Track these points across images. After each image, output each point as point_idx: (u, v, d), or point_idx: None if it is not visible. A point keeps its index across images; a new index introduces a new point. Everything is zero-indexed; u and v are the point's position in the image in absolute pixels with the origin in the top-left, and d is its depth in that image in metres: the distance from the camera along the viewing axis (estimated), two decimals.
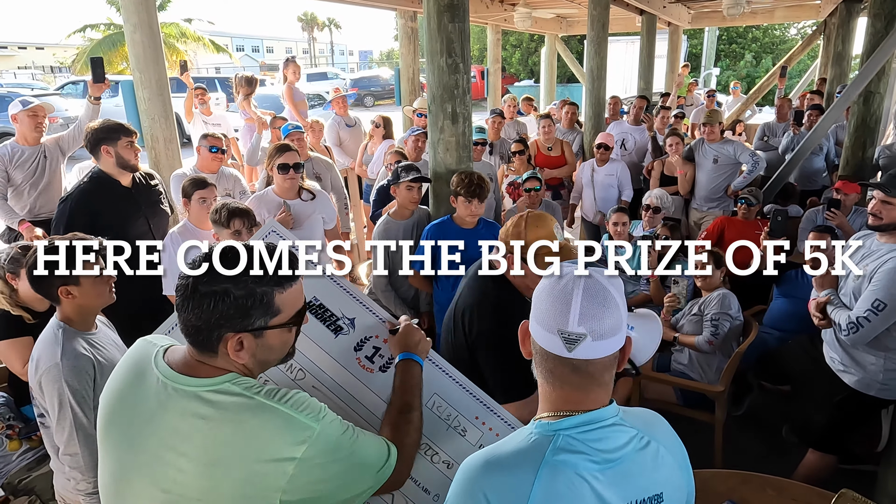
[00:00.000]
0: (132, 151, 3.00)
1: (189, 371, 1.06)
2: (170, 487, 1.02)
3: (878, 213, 2.27)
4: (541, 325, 0.96)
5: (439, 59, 2.96)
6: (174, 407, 1.03)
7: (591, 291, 0.94)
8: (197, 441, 1.00)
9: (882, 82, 4.08)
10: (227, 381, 1.04)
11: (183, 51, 19.35)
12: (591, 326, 0.92)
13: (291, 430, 1.01)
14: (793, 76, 15.43)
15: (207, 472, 1.00)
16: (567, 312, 0.93)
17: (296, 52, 49.55)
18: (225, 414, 1.01)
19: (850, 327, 2.22)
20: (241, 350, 1.05)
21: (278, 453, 0.99)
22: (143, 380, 1.08)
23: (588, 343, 0.93)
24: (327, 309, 1.55)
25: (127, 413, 1.08)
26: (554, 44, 12.22)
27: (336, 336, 1.52)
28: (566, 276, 0.97)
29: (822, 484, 2.00)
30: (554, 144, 5.41)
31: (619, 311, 0.94)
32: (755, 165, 4.61)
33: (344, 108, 5.85)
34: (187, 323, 1.04)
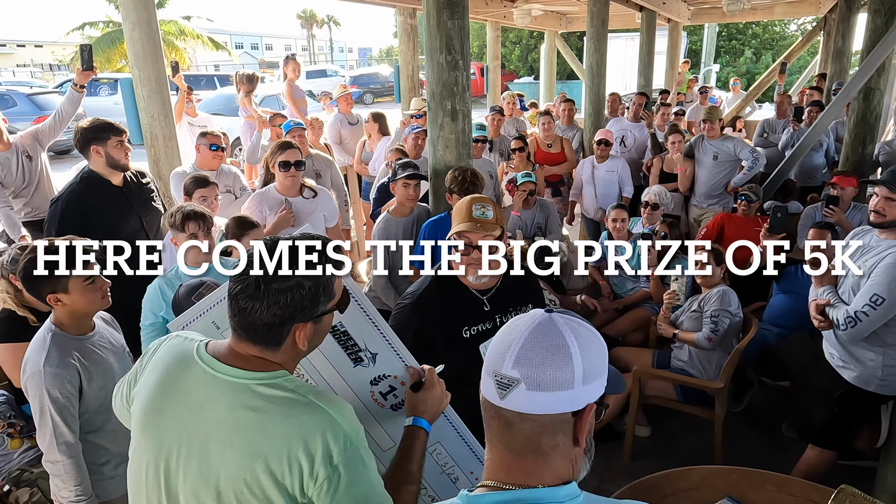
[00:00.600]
0: (122, 151, 2.98)
1: (240, 363, 1.07)
2: (213, 479, 1.04)
3: (881, 209, 2.25)
4: (485, 368, 0.85)
5: (439, 56, 2.96)
6: (223, 399, 1.05)
7: (539, 333, 0.81)
8: (245, 433, 1.02)
9: (882, 78, 4.08)
10: (280, 378, 1.07)
11: (182, 48, 19.30)
12: (527, 372, 0.79)
13: (335, 436, 1.02)
14: (793, 72, 15.41)
15: (250, 464, 1.01)
16: (504, 353, 0.82)
17: (295, 49, 49.46)
18: (277, 408, 1.03)
19: (848, 321, 2.22)
20: (304, 338, 1.08)
21: (319, 454, 1.01)
22: (187, 373, 1.09)
23: (521, 391, 0.79)
24: (351, 337, 1.52)
25: (171, 406, 1.09)
26: (553, 40, 12.19)
27: (355, 365, 1.51)
28: (525, 317, 0.85)
29: (822, 480, 2.00)
30: (554, 141, 5.41)
31: (570, 363, 0.79)
32: (755, 162, 4.60)
33: (349, 105, 5.84)
34: (256, 322, 1.04)
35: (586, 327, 0.85)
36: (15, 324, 2.13)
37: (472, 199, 1.84)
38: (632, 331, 3.70)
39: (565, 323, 0.83)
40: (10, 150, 3.64)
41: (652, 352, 3.31)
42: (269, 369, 1.07)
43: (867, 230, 2.42)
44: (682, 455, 2.71)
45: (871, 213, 2.30)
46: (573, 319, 0.85)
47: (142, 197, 3.12)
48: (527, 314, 0.86)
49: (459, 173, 2.91)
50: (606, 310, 3.87)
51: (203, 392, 1.06)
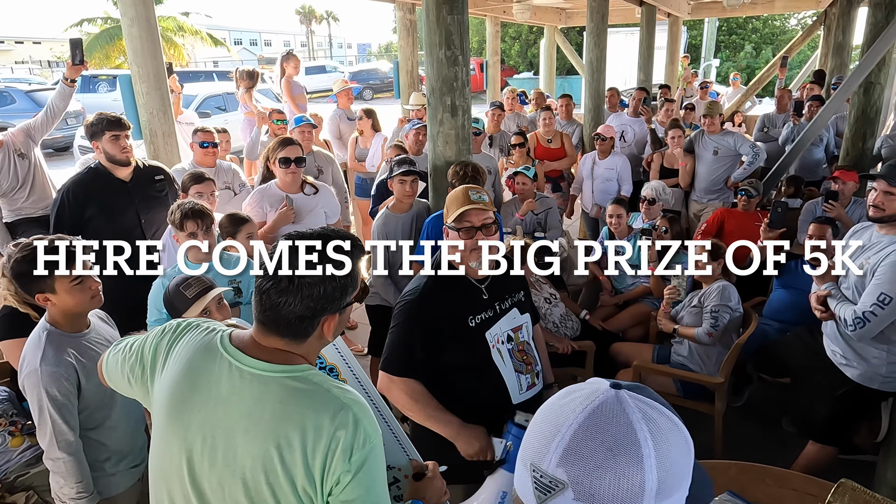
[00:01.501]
0: (117, 146, 2.98)
1: (266, 356, 1.09)
2: (239, 469, 1.05)
3: (880, 204, 2.24)
4: (520, 456, 0.65)
5: (438, 51, 2.95)
6: (250, 392, 1.06)
7: (600, 419, 0.61)
8: (270, 425, 1.04)
9: (882, 73, 4.07)
10: (306, 371, 1.09)
11: (180, 44, 19.22)
12: (578, 475, 0.58)
13: (356, 435, 1.04)
14: (793, 67, 15.36)
15: (275, 454, 1.03)
16: (549, 441, 0.61)
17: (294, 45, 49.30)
18: (302, 401, 1.05)
19: (857, 322, 2.21)
20: (331, 329, 1.11)
21: (339, 450, 1.03)
22: (212, 364, 1.10)
23: (566, 500, 0.59)
24: None
25: (197, 398, 1.10)
26: (553, 35, 12.16)
27: None
28: (581, 390, 0.65)
29: (822, 474, 2.01)
30: (553, 136, 5.41)
31: (640, 469, 0.58)
32: (755, 157, 4.60)
33: (349, 101, 5.83)
34: (289, 315, 1.06)
35: (666, 415, 0.64)
36: (17, 320, 2.13)
37: (466, 187, 1.87)
38: (632, 326, 3.71)
39: (638, 408, 0.62)
40: (2, 149, 3.60)
41: (652, 347, 3.31)
42: (294, 362, 1.09)
43: (867, 226, 2.41)
44: None
45: (869, 207, 2.29)
46: (649, 403, 0.64)
47: (146, 194, 3.11)
48: (585, 386, 0.66)
49: (461, 168, 2.91)
50: (607, 305, 3.87)
51: (229, 384, 1.08)
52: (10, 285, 2.13)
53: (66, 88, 3.62)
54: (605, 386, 0.65)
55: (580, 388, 0.66)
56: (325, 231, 1.12)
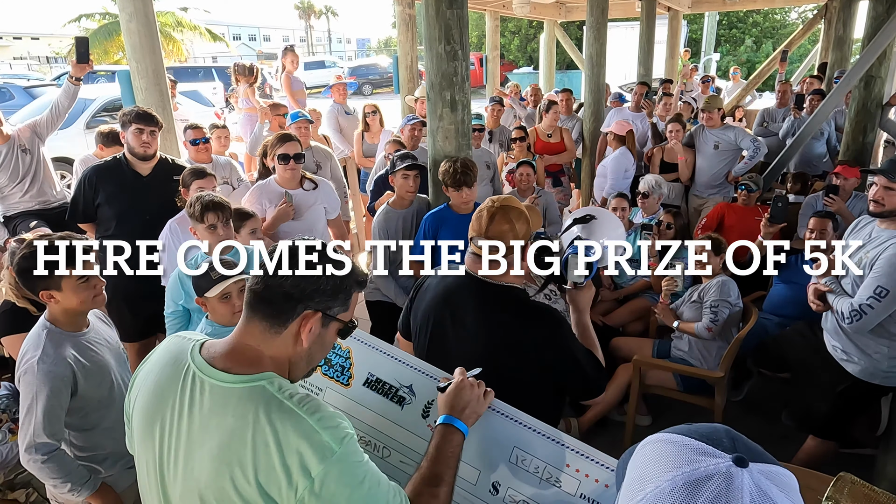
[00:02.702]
0: (139, 140, 3.07)
1: (226, 365, 1.06)
2: (195, 485, 1.03)
3: (881, 199, 2.24)
4: None
5: (437, 46, 2.94)
6: (208, 404, 1.03)
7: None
8: (224, 438, 1.00)
9: (883, 66, 4.06)
10: (263, 381, 1.04)
11: (179, 40, 19.18)
12: None
13: (314, 446, 0.98)
14: (793, 61, 15.33)
15: (228, 470, 0.99)
16: None
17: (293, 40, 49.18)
18: (255, 414, 1.00)
19: (854, 315, 2.21)
20: (308, 333, 1.08)
21: (297, 464, 0.97)
22: (179, 375, 1.08)
23: None
24: (385, 382, 1.54)
25: (166, 409, 1.08)
26: (553, 30, 12.12)
27: (402, 408, 1.51)
28: (709, 484, 0.55)
29: (821, 468, 2.01)
30: (553, 131, 5.40)
31: None
32: (756, 151, 4.59)
33: (343, 95, 5.82)
34: (277, 288, 1.05)
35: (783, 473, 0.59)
36: (17, 315, 2.14)
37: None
38: (632, 321, 3.71)
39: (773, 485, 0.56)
40: (8, 143, 3.64)
41: (652, 341, 3.31)
42: (259, 368, 1.05)
43: (868, 220, 2.41)
44: None
45: (870, 202, 2.29)
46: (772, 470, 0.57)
47: (160, 192, 3.10)
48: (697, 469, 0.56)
49: (450, 165, 2.89)
50: (606, 300, 3.88)
51: (191, 396, 1.05)
52: (13, 279, 2.13)
53: (72, 87, 3.65)
54: (735, 470, 0.55)
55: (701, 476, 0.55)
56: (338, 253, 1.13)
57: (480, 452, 1.40)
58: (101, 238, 3.09)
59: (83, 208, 3.14)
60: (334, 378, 1.61)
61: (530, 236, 1.67)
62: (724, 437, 0.60)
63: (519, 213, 1.65)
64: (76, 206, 3.16)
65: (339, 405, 1.58)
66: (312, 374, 1.20)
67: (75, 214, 3.18)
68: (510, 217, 1.63)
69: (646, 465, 0.57)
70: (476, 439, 1.36)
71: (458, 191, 2.89)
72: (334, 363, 1.63)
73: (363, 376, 1.58)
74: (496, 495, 1.37)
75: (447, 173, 2.89)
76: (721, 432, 0.60)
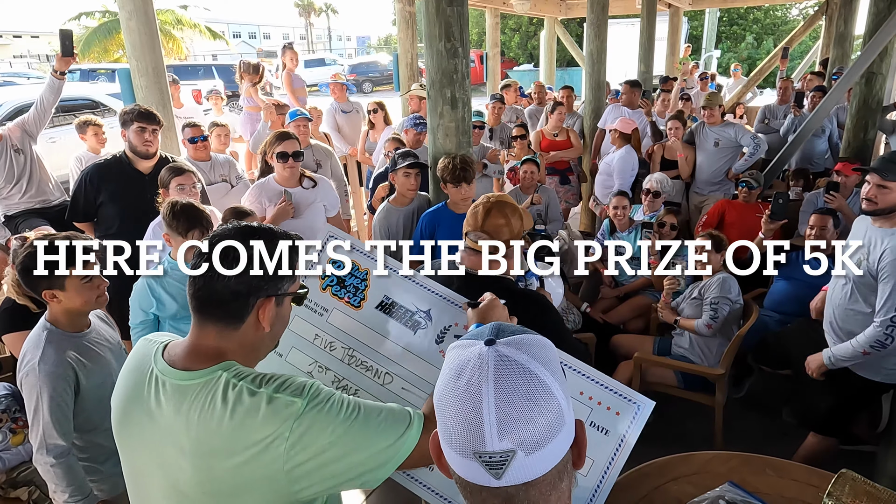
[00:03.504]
0: (141, 138, 3.09)
1: (185, 364, 1.06)
2: (178, 484, 1.03)
3: (873, 197, 2.23)
4: (451, 447, 0.67)
5: (438, 43, 2.94)
6: (169, 403, 1.03)
7: (506, 382, 0.65)
8: (192, 434, 1.00)
9: (884, 63, 4.05)
10: (219, 370, 1.04)
11: (179, 38, 19.16)
12: (520, 437, 0.63)
13: (275, 411, 0.99)
14: (794, 57, 15.31)
15: (205, 463, 1.00)
16: (480, 425, 0.63)
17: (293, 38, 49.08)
18: (215, 405, 1.00)
19: (891, 331, 2.17)
20: (266, 318, 1.07)
21: (266, 436, 0.98)
22: (145, 379, 1.08)
23: (520, 460, 0.63)
24: (401, 306, 1.52)
25: (135, 413, 1.08)
26: (553, 27, 12.11)
27: (415, 333, 1.49)
28: (467, 366, 0.67)
29: (823, 465, 2.01)
30: (560, 130, 5.40)
31: (552, 397, 0.65)
32: (756, 148, 4.59)
33: (342, 93, 5.82)
34: (224, 290, 1.03)
35: (530, 338, 0.71)
36: (18, 314, 2.14)
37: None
38: (632, 318, 3.71)
39: (519, 350, 0.68)
40: (1, 143, 3.59)
41: (653, 339, 3.32)
42: (217, 362, 1.05)
43: (862, 218, 2.41)
44: (682, 441, 2.72)
45: (862, 200, 2.28)
46: (518, 339, 0.69)
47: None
48: (465, 357, 0.68)
49: (449, 162, 2.89)
50: (607, 297, 3.88)
51: (155, 398, 1.05)
52: (16, 277, 2.14)
53: (56, 81, 3.55)
54: (484, 349, 0.68)
55: (463, 362, 0.68)
56: (265, 226, 1.12)
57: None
58: (103, 237, 3.09)
59: (84, 207, 3.14)
60: (344, 298, 1.57)
61: (524, 233, 1.70)
62: (487, 330, 0.71)
63: (513, 209, 1.68)
64: (76, 205, 3.16)
65: (342, 326, 1.55)
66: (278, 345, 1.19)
67: (75, 213, 3.17)
68: (506, 212, 1.66)
69: (457, 406, 0.68)
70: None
71: (457, 187, 2.89)
72: (347, 284, 1.58)
73: (378, 299, 1.55)
74: None
75: (446, 169, 2.89)
76: (488, 327, 0.72)
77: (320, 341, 1.55)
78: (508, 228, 1.66)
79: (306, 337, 1.56)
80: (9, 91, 10.19)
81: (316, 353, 1.54)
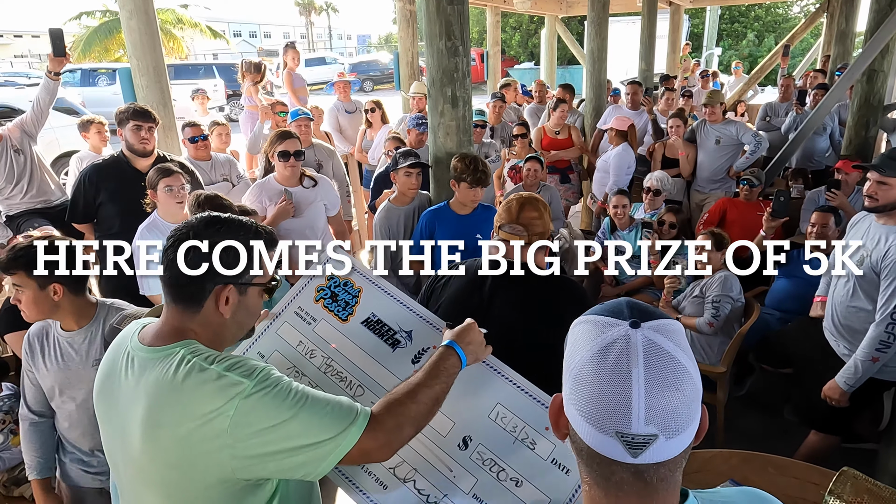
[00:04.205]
0: (137, 136, 3.09)
1: (152, 342, 1.10)
2: (133, 453, 1.07)
3: (874, 194, 2.25)
4: (588, 421, 0.69)
5: (438, 42, 2.94)
6: (133, 377, 1.09)
7: (657, 370, 0.67)
8: (144, 404, 1.04)
9: (886, 60, 4.04)
10: (178, 347, 1.08)
11: (179, 37, 19.16)
12: (664, 423, 0.66)
13: (222, 388, 1.01)
14: (795, 55, 15.28)
15: (153, 433, 1.03)
16: (628, 408, 0.65)
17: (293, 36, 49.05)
18: (167, 377, 1.04)
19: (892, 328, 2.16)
20: (227, 304, 1.10)
21: (210, 410, 1.00)
22: (119, 356, 1.14)
23: (660, 444, 0.66)
24: (385, 324, 1.56)
25: (109, 395, 1.14)
26: (554, 25, 12.09)
27: (394, 350, 1.53)
28: (614, 347, 0.69)
29: (824, 463, 2.01)
30: (562, 128, 5.40)
31: (695, 384, 0.69)
32: (757, 146, 4.58)
33: (346, 92, 5.81)
34: (181, 274, 1.07)
35: (672, 324, 0.72)
36: (19, 313, 2.14)
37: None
38: None
39: (665, 337, 0.69)
40: (1, 143, 3.57)
41: None
42: (179, 339, 1.09)
43: (864, 215, 2.41)
44: None
45: (864, 197, 2.30)
46: (661, 324, 0.70)
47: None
48: (608, 343, 0.69)
49: (471, 162, 2.82)
50: (608, 296, 3.88)
51: (126, 374, 1.10)
52: None
53: (50, 82, 3.52)
54: (632, 331, 0.69)
55: (608, 341, 0.69)
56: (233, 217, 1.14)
57: (461, 405, 1.40)
58: (104, 237, 3.08)
59: (83, 208, 3.14)
60: (333, 311, 1.63)
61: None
62: (625, 308, 0.73)
63: (545, 206, 1.80)
64: (76, 206, 3.16)
65: (326, 336, 1.61)
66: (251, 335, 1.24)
67: (75, 214, 3.17)
68: (539, 207, 1.78)
69: (573, 342, 0.73)
70: (460, 390, 1.35)
71: (472, 188, 2.84)
72: (339, 298, 1.64)
73: (365, 315, 1.60)
74: (464, 450, 1.37)
75: (467, 169, 2.82)
76: (622, 304, 0.74)
77: (302, 348, 1.61)
78: (542, 222, 1.76)
79: (290, 342, 1.62)
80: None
81: (296, 357, 1.60)
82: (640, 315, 0.71)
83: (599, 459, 0.70)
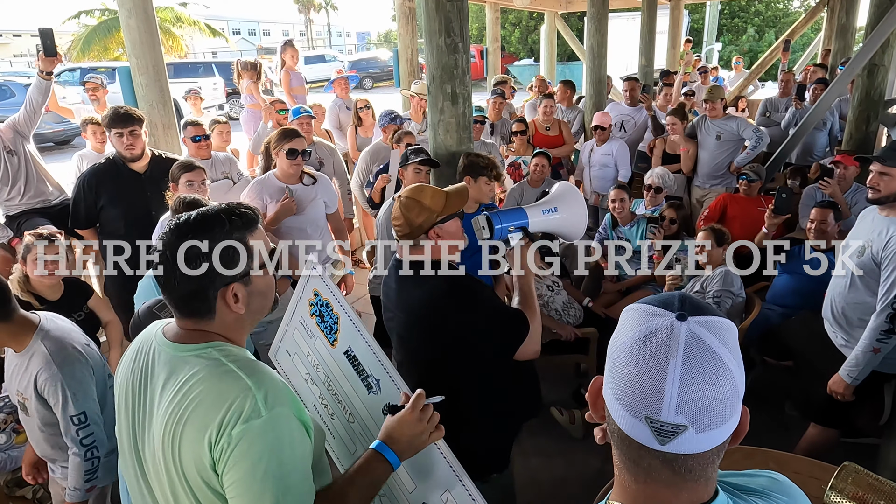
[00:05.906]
0: (121, 143, 3.07)
1: (181, 339, 1.10)
2: (157, 455, 1.07)
3: (877, 185, 2.25)
4: (621, 404, 0.70)
5: (438, 39, 2.93)
6: (162, 375, 1.08)
7: (695, 362, 0.66)
8: (173, 401, 1.04)
9: (886, 55, 4.04)
10: (210, 347, 1.08)
11: (179, 35, 19.14)
12: (695, 415, 0.66)
13: (243, 404, 1.00)
14: (796, 50, 15.25)
15: (174, 436, 1.03)
16: (660, 394, 0.66)
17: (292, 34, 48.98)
18: (198, 376, 1.04)
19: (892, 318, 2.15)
20: (238, 302, 1.09)
21: (224, 421, 0.99)
22: (145, 355, 1.14)
23: (689, 436, 0.67)
24: (360, 363, 1.55)
25: (133, 388, 1.14)
26: (554, 21, 12.05)
27: (368, 392, 1.53)
28: (656, 336, 0.69)
29: (825, 457, 2.02)
30: (552, 125, 5.38)
31: (734, 382, 0.68)
32: (758, 141, 4.57)
33: (345, 90, 5.80)
34: (182, 292, 1.07)
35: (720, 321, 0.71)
36: None
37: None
38: None
39: (710, 332, 0.69)
40: None
41: None
42: (209, 339, 1.09)
43: (869, 209, 2.41)
44: None
45: (868, 189, 2.31)
46: (709, 320, 0.70)
47: (159, 187, 3.06)
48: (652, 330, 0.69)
49: (488, 161, 2.92)
50: (609, 292, 3.88)
51: (151, 368, 1.11)
52: (22, 274, 2.16)
53: (42, 82, 3.46)
54: (677, 323, 0.69)
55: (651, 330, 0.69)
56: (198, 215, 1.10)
57: (422, 471, 1.41)
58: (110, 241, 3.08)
59: (85, 213, 3.14)
60: (323, 332, 1.63)
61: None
62: (676, 301, 0.73)
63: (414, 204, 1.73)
64: (78, 212, 3.15)
65: (323, 355, 1.61)
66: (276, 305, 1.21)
67: (77, 220, 3.17)
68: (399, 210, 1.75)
69: (620, 327, 0.74)
70: (421, 457, 1.35)
71: (491, 183, 2.93)
72: (325, 319, 1.64)
73: (345, 346, 1.60)
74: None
75: (492, 163, 2.90)
76: (675, 297, 0.74)
77: (311, 360, 1.64)
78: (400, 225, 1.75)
79: (302, 349, 1.66)
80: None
81: (309, 367, 1.63)
82: (690, 309, 0.71)
83: (629, 443, 0.71)
